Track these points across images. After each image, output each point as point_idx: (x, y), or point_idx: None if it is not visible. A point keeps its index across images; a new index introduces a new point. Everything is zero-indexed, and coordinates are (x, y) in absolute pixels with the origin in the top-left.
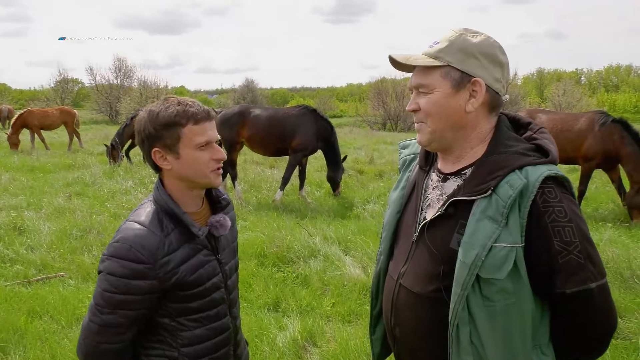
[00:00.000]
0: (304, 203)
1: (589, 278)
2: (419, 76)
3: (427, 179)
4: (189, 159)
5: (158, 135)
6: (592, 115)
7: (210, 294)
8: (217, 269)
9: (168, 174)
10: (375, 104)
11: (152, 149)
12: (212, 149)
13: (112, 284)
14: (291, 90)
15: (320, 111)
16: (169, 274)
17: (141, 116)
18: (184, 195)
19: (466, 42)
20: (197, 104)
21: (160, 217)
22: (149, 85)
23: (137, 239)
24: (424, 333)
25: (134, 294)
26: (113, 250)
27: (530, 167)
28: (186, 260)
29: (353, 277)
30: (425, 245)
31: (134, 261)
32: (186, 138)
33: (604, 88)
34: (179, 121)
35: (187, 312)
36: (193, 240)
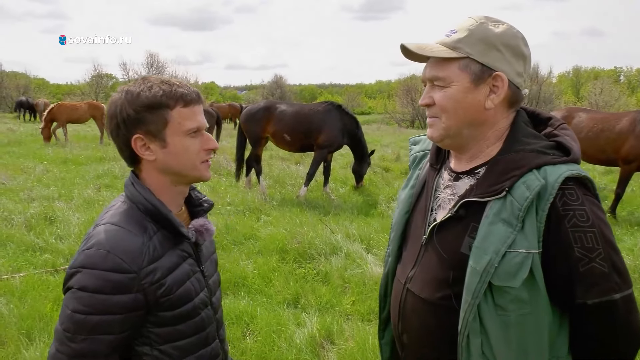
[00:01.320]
0: (327, 199)
1: (612, 289)
2: (435, 68)
3: (438, 178)
4: (177, 147)
5: (139, 119)
6: (635, 115)
7: (199, 312)
8: (203, 282)
9: (149, 167)
10: (403, 101)
11: (132, 136)
12: (202, 137)
13: (85, 302)
14: (319, 86)
15: (345, 107)
16: (154, 286)
17: (115, 98)
18: (165, 193)
19: (488, 32)
20: (185, 84)
21: (139, 218)
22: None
23: (116, 242)
24: (432, 341)
25: (113, 313)
26: (84, 259)
27: (549, 167)
28: (173, 269)
29: (374, 276)
30: (434, 249)
31: (112, 270)
32: (174, 123)
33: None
34: (165, 102)
35: (173, 338)
36: (179, 246)
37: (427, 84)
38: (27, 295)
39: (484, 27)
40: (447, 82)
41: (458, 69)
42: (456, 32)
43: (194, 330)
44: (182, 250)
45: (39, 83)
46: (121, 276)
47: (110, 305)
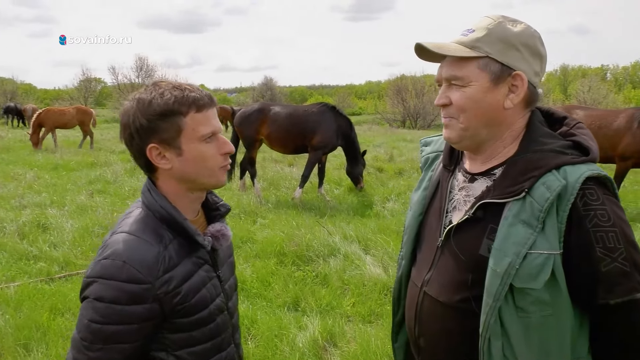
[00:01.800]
0: (323, 201)
1: (635, 288)
2: (452, 67)
3: (452, 179)
4: (193, 154)
5: (153, 128)
6: (631, 112)
7: (215, 318)
8: (219, 287)
9: (165, 175)
10: (394, 101)
11: (147, 145)
12: (217, 142)
13: (101, 312)
14: (310, 88)
15: (339, 108)
16: (170, 295)
17: (127, 106)
18: (181, 200)
19: (506, 31)
20: (197, 88)
21: (156, 226)
22: None
23: (132, 253)
24: (450, 345)
25: (129, 323)
26: (100, 269)
27: (569, 167)
28: (188, 277)
29: (373, 277)
30: (451, 251)
31: (128, 281)
32: (189, 129)
33: (630, 84)
34: (178, 109)
35: (188, 344)
36: (194, 253)
37: (443, 83)
38: (23, 305)
39: (503, 26)
40: (466, 82)
41: (477, 68)
42: (474, 32)
43: (209, 337)
44: (198, 257)
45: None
46: (137, 287)
47: (126, 315)
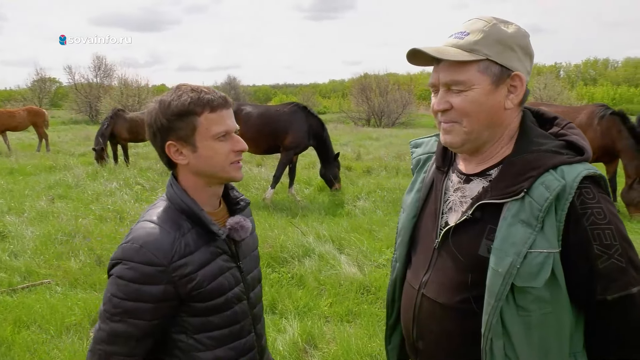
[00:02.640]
0: (293, 201)
1: (630, 283)
2: (451, 72)
3: (446, 180)
4: (207, 151)
5: (171, 127)
6: (592, 109)
7: (232, 306)
8: (239, 277)
9: (184, 170)
10: (359, 99)
11: (166, 143)
12: (231, 140)
13: (121, 289)
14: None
15: (310, 108)
16: (185, 279)
17: (151, 107)
18: (201, 193)
19: (502, 32)
20: (213, 90)
21: (175, 217)
22: (129, 83)
23: (149, 238)
24: (451, 346)
25: (145, 302)
26: (121, 252)
27: (566, 167)
28: (204, 264)
29: (349, 276)
30: (449, 252)
31: (144, 263)
32: (202, 128)
33: (582, 81)
34: (193, 109)
35: (207, 328)
36: (212, 242)
37: (441, 88)
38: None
39: (497, 28)
40: (468, 86)
41: (478, 71)
42: (468, 34)
43: (226, 323)
44: (216, 247)
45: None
46: (151, 269)
47: (141, 294)
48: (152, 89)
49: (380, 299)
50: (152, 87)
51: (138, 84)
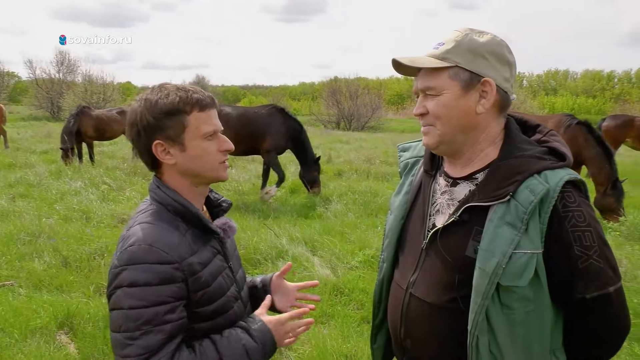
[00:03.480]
0: (265, 203)
1: (607, 282)
2: (426, 79)
3: (433, 184)
4: (196, 150)
5: (159, 125)
6: (559, 118)
7: (232, 306)
8: (232, 277)
9: (170, 170)
10: (329, 103)
11: (153, 142)
12: (218, 139)
13: (138, 296)
14: (243, 88)
15: (288, 110)
16: (194, 278)
17: (135, 106)
18: (187, 194)
19: (473, 41)
20: (200, 89)
21: (170, 218)
22: (94, 80)
23: (156, 237)
24: (439, 344)
25: (165, 303)
26: (128, 256)
27: (549, 172)
28: (206, 264)
29: (323, 278)
30: (437, 253)
31: (158, 262)
32: (192, 127)
33: (544, 91)
34: (183, 108)
35: (211, 332)
36: (209, 242)
37: (420, 94)
38: None
39: (470, 37)
40: (439, 91)
41: (448, 77)
42: (443, 44)
43: (230, 323)
44: (212, 246)
45: None
46: (166, 267)
47: (161, 295)
48: (118, 86)
49: (353, 301)
50: (118, 85)
51: (103, 80)
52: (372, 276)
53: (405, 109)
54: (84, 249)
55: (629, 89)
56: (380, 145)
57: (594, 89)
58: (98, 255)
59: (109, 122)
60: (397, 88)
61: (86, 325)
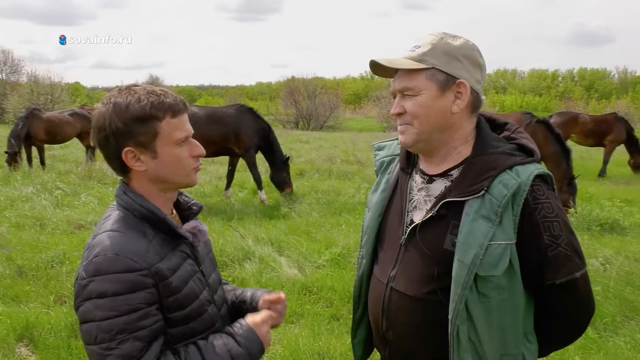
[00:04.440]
0: (228, 204)
1: (574, 268)
2: (404, 79)
3: (410, 181)
4: (168, 157)
5: (130, 132)
6: (519, 117)
7: (206, 309)
8: (203, 281)
9: (139, 176)
10: (287, 102)
11: (123, 149)
12: (189, 145)
13: (108, 307)
14: (198, 88)
15: (256, 110)
16: (164, 283)
17: (103, 110)
18: (156, 200)
19: (448, 45)
20: (171, 93)
21: (137, 224)
22: (40, 80)
23: (122, 245)
24: (420, 335)
25: (138, 310)
26: (94, 267)
27: (520, 167)
28: (176, 269)
29: (291, 278)
30: (416, 248)
31: (125, 271)
32: (164, 134)
33: (494, 90)
34: (154, 114)
35: (187, 336)
36: (177, 247)
37: (397, 95)
38: None
39: (445, 41)
40: (417, 91)
41: (425, 78)
42: (420, 47)
43: (205, 327)
44: (181, 251)
45: None
46: (134, 275)
47: (133, 303)
48: (66, 86)
49: (322, 299)
50: (66, 85)
51: (51, 81)
52: (339, 274)
53: (363, 108)
54: (40, 257)
55: (572, 87)
56: (340, 144)
57: (540, 87)
58: (56, 263)
59: (60, 125)
60: (354, 87)
61: (47, 336)
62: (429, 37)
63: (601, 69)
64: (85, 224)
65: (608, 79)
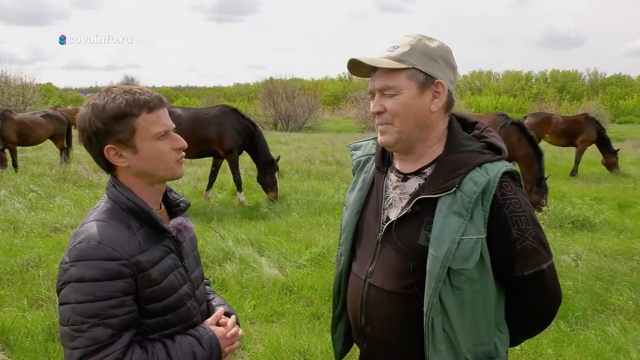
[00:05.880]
0: (208, 205)
1: (541, 260)
2: (384, 79)
3: (385, 179)
4: (148, 152)
5: (108, 130)
6: (494, 118)
7: (185, 303)
8: (185, 276)
9: (124, 172)
10: (265, 104)
11: (105, 147)
12: (170, 138)
13: (84, 291)
14: (175, 89)
15: (240, 110)
16: (142, 275)
17: (83, 112)
18: (143, 193)
19: (426, 46)
20: (147, 90)
21: (123, 216)
22: (11, 81)
23: (105, 234)
24: (398, 328)
25: (113, 298)
26: (77, 253)
27: (489, 164)
28: (157, 262)
29: (271, 278)
30: (392, 244)
31: (105, 259)
32: (142, 129)
33: (470, 91)
34: (130, 111)
35: (163, 327)
36: (160, 241)
37: (377, 94)
38: None
39: (423, 42)
40: (398, 90)
41: (406, 78)
42: (398, 47)
43: (181, 319)
44: (164, 245)
45: None
46: (114, 263)
47: (108, 290)
48: (39, 87)
49: (303, 298)
50: (38, 86)
51: (22, 81)
52: (319, 273)
53: (341, 109)
54: (15, 260)
55: (545, 89)
56: (319, 145)
57: (514, 88)
58: (32, 267)
59: (32, 127)
60: (332, 89)
61: (24, 340)
62: (407, 38)
63: (573, 71)
64: (61, 227)
65: (579, 81)
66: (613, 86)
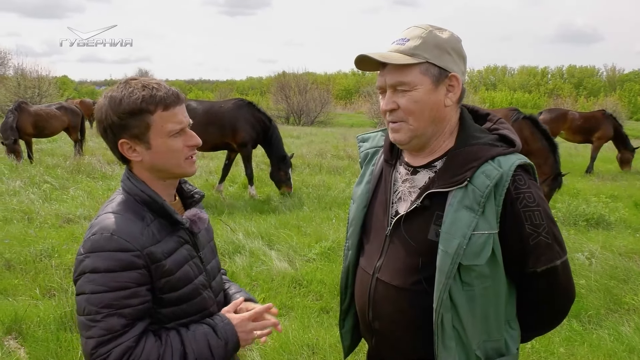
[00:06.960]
0: (219, 199)
1: (555, 257)
2: (396, 74)
3: (394, 172)
4: (161, 148)
5: (123, 125)
6: (506, 113)
7: (201, 293)
8: (201, 267)
9: (137, 166)
10: (278, 97)
11: (119, 141)
12: (185, 135)
13: (98, 282)
14: (188, 82)
15: (256, 104)
16: (156, 265)
17: (101, 103)
18: (156, 186)
19: (438, 38)
20: (164, 86)
21: (137, 208)
22: (27, 73)
23: (118, 226)
24: (406, 324)
25: (127, 288)
26: (91, 244)
27: (502, 157)
28: (171, 252)
29: (281, 271)
30: (401, 239)
31: (118, 250)
32: (157, 126)
33: (484, 86)
34: (146, 108)
35: (178, 317)
36: (175, 233)
37: (388, 90)
38: None
39: (434, 34)
40: (412, 86)
41: (420, 73)
42: (409, 41)
43: (196, 309)
44: (179, 236)
45: None
46: (127, 255)
47: (121, 281)
48: (54, 80)
49: (312, 292)
50: (54, 79)
51: (38, 74)
52: (329, 267)
53: (353, 103)
54: (29, 250)
55: (561, 84)
56: (331, 139)
57: (530, 84)
58: (45, 257)
59: (48, 119)
60: (344, 83)
61: (36, 329)
62: (416, 30)
63: (590, 67)
64: (74, 218)
65: (597, 77)
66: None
